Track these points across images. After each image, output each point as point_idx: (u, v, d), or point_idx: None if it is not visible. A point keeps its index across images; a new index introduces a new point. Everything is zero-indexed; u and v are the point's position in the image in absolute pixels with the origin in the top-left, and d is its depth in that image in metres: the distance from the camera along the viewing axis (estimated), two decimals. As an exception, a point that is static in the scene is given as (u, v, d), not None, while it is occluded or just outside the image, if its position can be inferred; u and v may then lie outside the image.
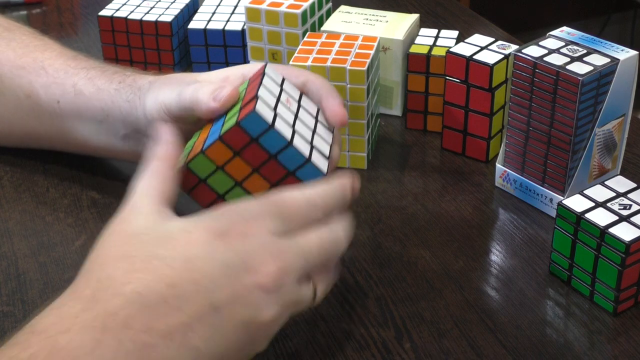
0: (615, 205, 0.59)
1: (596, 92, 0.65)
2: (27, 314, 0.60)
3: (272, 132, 0.51)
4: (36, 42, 0.75)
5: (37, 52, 0.73)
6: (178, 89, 0.60)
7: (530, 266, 0.64)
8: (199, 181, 0.53)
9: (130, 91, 0.66)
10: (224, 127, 0.52)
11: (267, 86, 0.54)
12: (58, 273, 0.64)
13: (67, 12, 1.12)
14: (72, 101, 0.70)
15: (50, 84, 0.71)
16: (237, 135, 0.51)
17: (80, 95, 0.69)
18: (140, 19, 0.90)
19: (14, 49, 0.74)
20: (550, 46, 0.67)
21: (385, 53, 0.81)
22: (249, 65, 0.65)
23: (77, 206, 0.71)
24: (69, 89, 0.70)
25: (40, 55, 0.73)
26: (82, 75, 0.70)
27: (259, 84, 0.54)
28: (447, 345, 0.56)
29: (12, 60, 0.73)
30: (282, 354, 0.56)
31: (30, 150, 0.76)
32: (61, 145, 0.74)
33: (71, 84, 0.70)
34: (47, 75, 0.71)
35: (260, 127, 0.51)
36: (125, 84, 0.67)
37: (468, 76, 0.73)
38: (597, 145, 0.67)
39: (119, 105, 0.67)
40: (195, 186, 0.53)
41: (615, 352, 0.56)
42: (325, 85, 0.63)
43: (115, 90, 0.67)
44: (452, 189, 0.73)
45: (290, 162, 0.52)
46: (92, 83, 0.69)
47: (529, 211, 0.70)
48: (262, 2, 0.82)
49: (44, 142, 0.75)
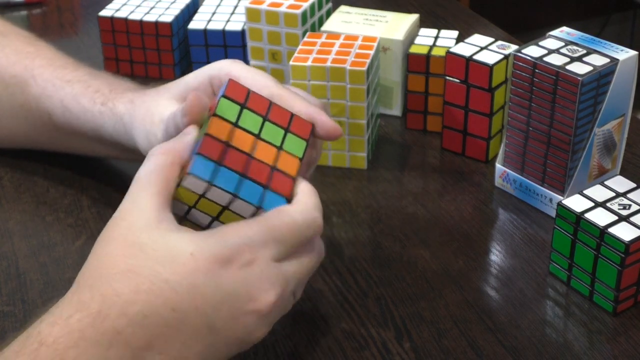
0: (615, 205, 0.59)
1: (596, 92, 0.65)
2: (27, 314, 0.60)
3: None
4: (28, 49, 0.74)
5: (27, 60, 0.72)
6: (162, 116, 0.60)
7: (530, 266, 0.64)
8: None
9: (114, 119, 0.65)
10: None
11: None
12: (58, 273, 0.64)
13: (68, 12, 1.12)
14: (62, 116, 0.69)
15: (40, 95, 0.70)
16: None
17: (68, 112, 0.69)
18: (140, 19, 0.90)
19: (7, 55, 0.73)
20: (550, 46, 0.67)
21: (385, 53, 0.81)
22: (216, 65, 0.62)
23: (77, 206, 0.71)
24: (57, 103, 0.69)
25: (31, 64, 0.72)
26: (67, 90, 0.69)
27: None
28: (447, 345, 0.56)
29: (5, 67, 0.72)
30: (282, 353, 0.56)
31: (30, 151, 0.76)
32: (60, 150, 0.75)
33: (59, 99, 0.69)
34: (37, 86, 0.70)
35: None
36: (107, 108, 0.66)
37: (468, 76, 0.73)
38: (597, 145, 0.68)
39: (107, 130, 0.67)
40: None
41: (615, 352, 0.56)
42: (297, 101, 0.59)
43: (99, 113, 0.67)
44: (452, 189, 0.73)
45: (245, 208, 0.51)
46: (77, 101, 0.68)
47: (529, 211, 0.70)
48: (262, 2, 0.82)
49: (43, 146, 0.75)
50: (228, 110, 0.53)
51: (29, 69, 0.72)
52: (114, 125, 0.66)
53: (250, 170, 0.52)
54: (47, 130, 0.72)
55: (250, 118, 0.54)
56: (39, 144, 0.75)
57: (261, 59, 0.84)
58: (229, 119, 0.53)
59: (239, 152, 0.52)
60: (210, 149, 0.51)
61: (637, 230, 0.57)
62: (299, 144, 0.55)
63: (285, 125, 0.55)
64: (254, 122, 0.54)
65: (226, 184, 0.50)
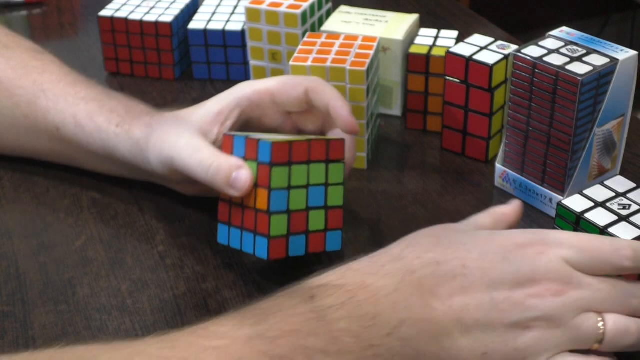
0: (615, 205, 0.59)
1: (596, 92, 0.65)
2: (27, 314, 0.60)
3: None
4: (34, 63, 0.73)
5: (35, 74, 0.72)
6: (181, 156, 0.61)
7: (529, 266, 0.64)
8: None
9: (130, 142, 0.66)
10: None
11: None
12: (58, 273, 0.64)
13: (68, 12, 1.12)
14: (73, 132, 0.69)
15: (50, 109, 0.70)
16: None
17: (81, 128, 0.69)
18: (140, 19, 0.90)
19: (13, 68, 0.73)
20: (550, 46, 0.67)
21: (385, 53, 0.81)
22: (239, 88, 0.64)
23: (77, 206, 0.71)
24: (69, 119, 0.69)
25: (40, 78, 0.72)
26: (81, 107, 0.69)
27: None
28: (447, 345, 0.56)
29: (12, 80, 0.72)
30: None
31: (30, 151, 0.76)
32: (60, 162, 0.74)
33: (71, 114, 0.69)
34: (47, 100, 0.70)
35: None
36: (124, 131, 0.66)
37: (468, 76, 0.73)
38: (597, 145, 0.68)
39: (121, 151, 0.67)
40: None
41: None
42: (329, 91, 0.63)
43: (115, 135, 0.67)
44: (452, 189, 0.73)
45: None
46: (92, 120, 0.68)
47: (529, 211, 0.70)
48: (262, 2, 0.82)
49: (41, 157, 0.75)
50: (279, 179, 0.57)
51: (37, 84, 0.71)
52: (130, 149, 0.66)
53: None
54: (51, 144, 0.72)
55: (299, 172, 0.58)
56: (38, 154, 0.75)
57: (261, 59, 0.84)
58: (283, 187, 0.57)
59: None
60: None
61: (637, 230, 0.57)
62: (339, 169, 0.60)
63: (324, 158, 0.59)
64: (303, 175, 0.58)
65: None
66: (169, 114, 0.66)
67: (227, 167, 0.58)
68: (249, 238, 0.59)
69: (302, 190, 0.58)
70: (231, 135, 0.60)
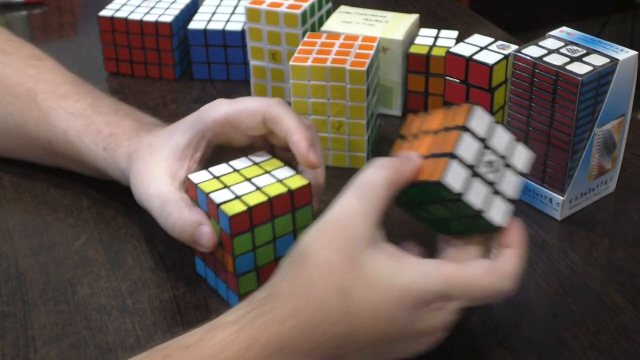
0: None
1: (596, 92, 0.65)
2: (27, 314, 0.60)
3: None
4: (30, 71, 0.73)
5: (30, 83, 0.72)
6: (151, 207, 0.61)
7: (530, 266, 0.64)
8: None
9: (118, 170, 0.66)
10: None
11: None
12: (58, 273, 0.64)
13: (67, 12, 1.12)
14: (64, 147, 0.69)
15: (42, 122, 0.70)
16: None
17: (71, 145, 0.69)
18: (140, 19, 0.90)
19: (9, 76, 0.73)
20: (550, 46, 0.68)
21: (385, 53, 0.81)
22: (201, 118, 0.63)
23: (77, 206, 0.71)
24: (60, 134, 0.69)
25: (34, 88, 0.71)
26: (70, 123, 0.69)
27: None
28: (447, 345, 0.56)
29: (7, 87, 0.72)
30: None
31: (30, 151, 0.76)
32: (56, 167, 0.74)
33: (62, 130, 0.69)
34: (40, 111, 0.70)
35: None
36: (110, 156, 0.66)
37: (468, 76, 0.73)
38: (597, 145, 0.68)
39: (112, 174, 0.67)
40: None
41: (615, 351, 0.56)
42: (286, 121, 0.61)
43: (103, 159, 0.67)
44: (452, 189, 0.73)
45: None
46: (80, 140, 0.68)
47: (529, 211, 0.70)
48: (262, 2, 0.82)
49: (36, 162, 0.75)
50: (242, 246, 0.56)
51: (32, 93, 0.71)
52: (118, 175, 0.67)
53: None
54: (44, 153, 0.72)
55: (263, 232, 0.57)
56: (34, 160, 0.75)
57: (261, 59, 0.84)
58: (247, 251, 0.57)
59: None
60: None
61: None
62: (307, 213, 0.59)
63: (289, 209, 0.58)
64: (267, 233, 0.57)
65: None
66: (145, 141, 0.64)
67: (190, 225, 0.58)
68: (222, 286, 0.60)
69: (269, 245, 0.58)
70: (194, 185, 0.59)
